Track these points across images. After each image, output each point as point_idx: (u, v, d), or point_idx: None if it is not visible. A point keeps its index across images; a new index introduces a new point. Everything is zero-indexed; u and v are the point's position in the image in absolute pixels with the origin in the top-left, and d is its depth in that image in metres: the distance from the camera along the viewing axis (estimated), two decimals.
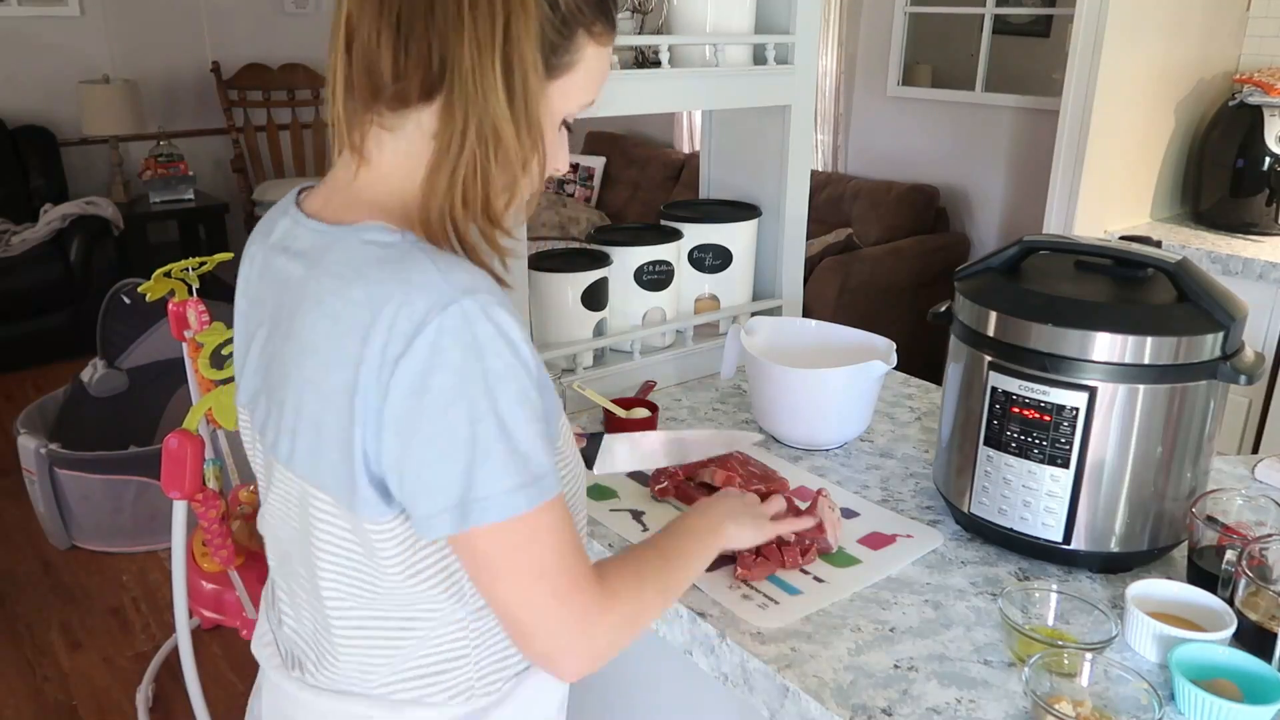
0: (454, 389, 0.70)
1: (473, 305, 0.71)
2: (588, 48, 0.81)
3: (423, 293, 0.70)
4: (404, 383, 0.70)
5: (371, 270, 0.73)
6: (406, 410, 0.71)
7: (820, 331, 1.52)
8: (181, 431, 1.64)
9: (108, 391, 3.10)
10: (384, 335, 0.70)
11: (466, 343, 0.70)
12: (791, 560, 1.08)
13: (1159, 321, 1.02)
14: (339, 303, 0.74)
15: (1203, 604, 0.96)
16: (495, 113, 0.74)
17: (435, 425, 0.70)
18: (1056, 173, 2.59)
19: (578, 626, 0.77)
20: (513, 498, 0.72)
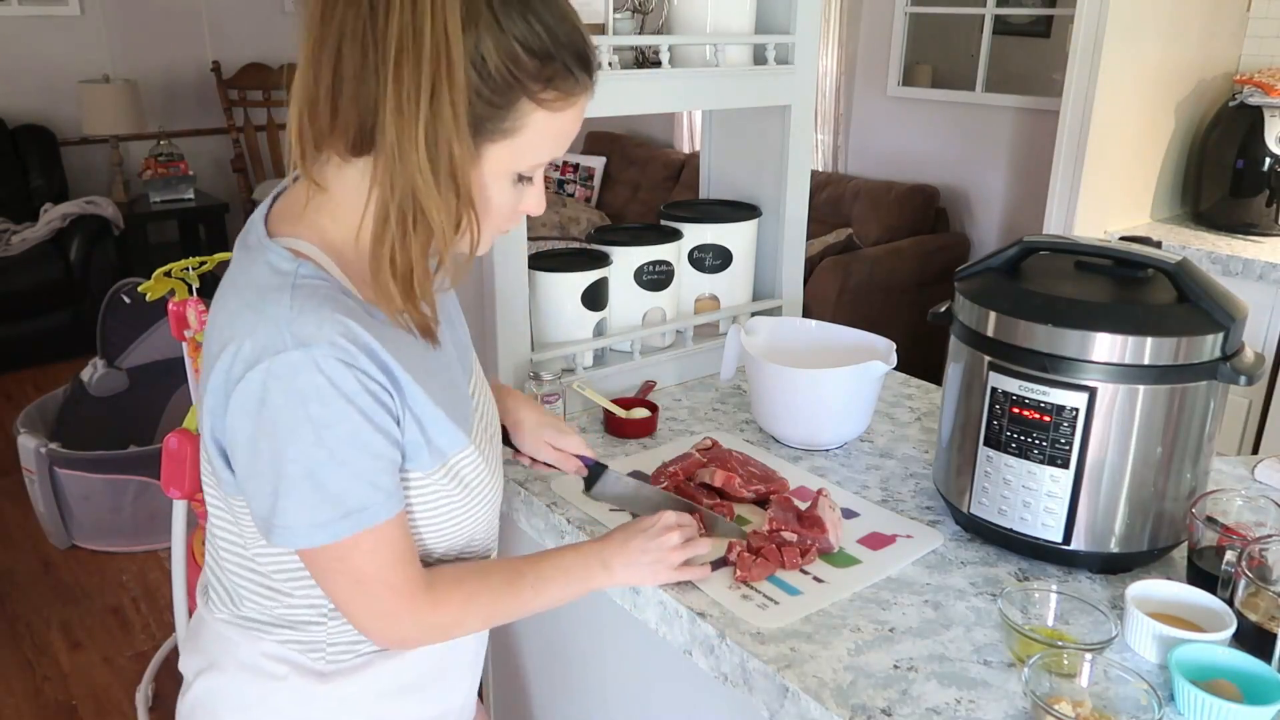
0: (273, 426, 0.79)
1: (301, 357, 0.78)
2: (534, 114, 0.82)
3: (266, 331, 0.79)
4: (238, 405, 0.80)
5: (248, 291, 0.83)
6: (238, 428, 0.81)
7: (820, 331, 1.52)
8: (181, 431, 1.64)
9: (108, 391, 3.10)
10: (231, 356, 0.80)
11: (290, 390, 0.79)
12: (791, 561, 1.08)
13: (1159, 322, 1.02)
14: (221, 309, 0.85)
15: (1202, 604, 0.96)
16: (416, 183, 0.78)
17: (255, 450, 0.81)
18: (1056, 173, 2.58)
19: (386, 621, 0.90)
20: (314, 532, 0.82)
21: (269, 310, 0.80)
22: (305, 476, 0.80)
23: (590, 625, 1.37)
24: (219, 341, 0.82)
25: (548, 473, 1.26)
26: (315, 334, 0.79)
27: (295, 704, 0.96)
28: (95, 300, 3.32)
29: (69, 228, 4.39)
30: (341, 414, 0.80)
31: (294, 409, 0.79)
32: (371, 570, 0.86)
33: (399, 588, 0.88)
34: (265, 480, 0.81)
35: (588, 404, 1.48)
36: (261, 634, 0.96)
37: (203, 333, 1.92)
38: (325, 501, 0.81)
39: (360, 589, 0.87)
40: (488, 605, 0.96)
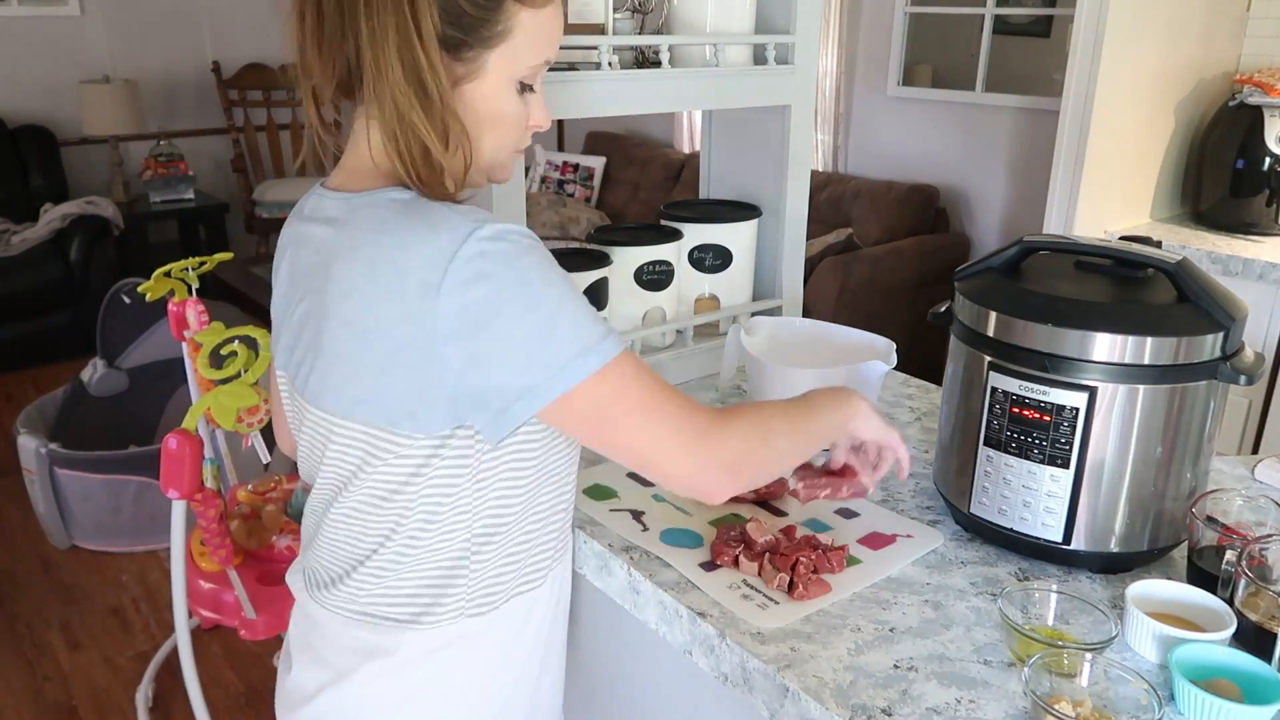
0: (501, 292, 0.80)
1: (492, 228, 0.81)
2: (519, 14, 0.87)
3: (445, 228, 0.81)
4: (453, 299, 0.79)
5: (396, 219, 0.84)
6: (461, 324, 0.80)
7: (820, 331, 1.52)
8: (180, 431, 1.64)
9: (108, 391, 3.10)
10: (419, 270, 0.80)
11: (500, 252, 0.80)
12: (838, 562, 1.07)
13: (1159, 322, 1.02)
14: (372, 249, 0.84)
15: (1203, 604, 0.96)
16: (400, 103, 0.83)
17: (496, 325, 0.80)
18: (1056, 173, 2.58)
19: (699, 443, 0.86)
20: (586, 359, 0.82)
21: (435, 218, 0.83)
22: (554, 314, 0.81)
23: (590, 625, 1.37)
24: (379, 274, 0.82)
25: None
26: (488, 215, 0.84)
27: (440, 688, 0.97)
28: (95, 300, 3.32)
29: (69, 228, 4.39)
30: (548, 261, 0.83)
31: (513, 265, 0.81)
32: (653, 394, 0.85)
33: (685, 406, 0.86)
34: (520, 340, 0.80)
35: None
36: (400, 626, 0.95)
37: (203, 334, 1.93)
38: (582, 324, 0.82)
39: (653, 416, 0.85)
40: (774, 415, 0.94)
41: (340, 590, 0.98)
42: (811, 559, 1.06)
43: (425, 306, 0.80)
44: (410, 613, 0.95)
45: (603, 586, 1.16)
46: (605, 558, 1.14)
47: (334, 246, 0.88)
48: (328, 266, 0.88)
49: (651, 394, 0.85)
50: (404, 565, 0.94)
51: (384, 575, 0.94)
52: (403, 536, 0.92)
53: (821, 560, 1.07)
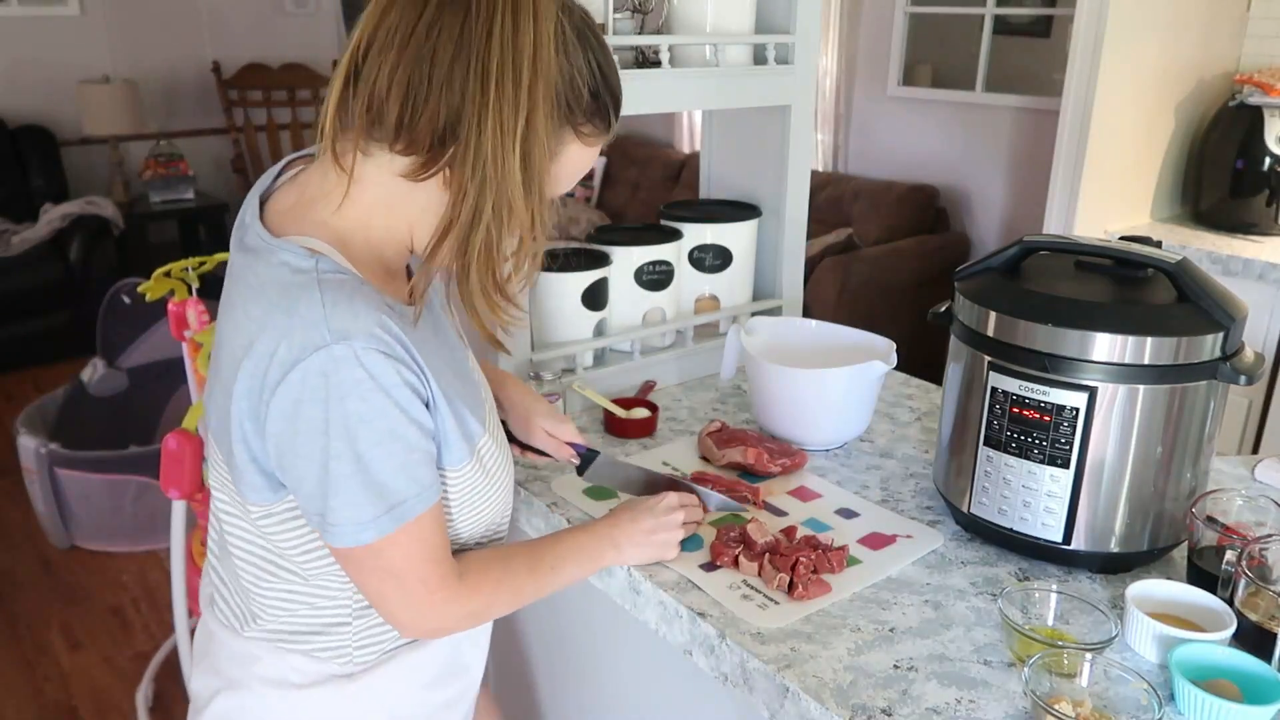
0: (318, 424, 0.79)
1: (344, 351, 0.78)
2: (572, 144, 0.88)
3: (302, 330, 0.79)
4: (279, 408, 0.80)
5: (272, 294, 0.82)
6: (281, 432, 0.81)
7: (820, 331, 1.52)
8: (181, 431, 1.64)
9: (108, 391, 3.10)
10: (266, 360, 0.79)
11: (331, 385, 0.78)
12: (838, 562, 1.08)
13: (1159, 322, 1.02)
14: (242, 314, 0.83)
15: (1203, 604, 0.96)
16: (512, 191, 0.81)
17: (302, 452, 0.81)
18: (1056, 173, 2.58)
19: (418, 613, 0.91)
20: (361, 530, 0.83)
21: (300, 309, 0.79)
22: (349, 474, 0.81)
23: (591, 626, 1.37)
24: (242, 345, 0.81)
25: (538, 462, 1.28)
26: (352, 326, 0.79)
27: (324, 709, 0.97)
28: (95, 300, 3.31)
29: (69, 228, 4.39)
30: (380, 408, 0.80)
31: (334, 405, 0.79)
32: (408, 565, 0.87)
33: (432, 582, 0.89)
34: (313, 480, 0.82)
35: (588, 404, 1.48)
36: (286, 646, 0.96)
37: (203, 334, 1.93)
38: (369, 498, 0.82)
39: (396, 584, 0.88)
40: (512, 588, 0.98)
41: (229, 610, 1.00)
42: (811, 559, 1.06)
43: (264, 396, 0.80)
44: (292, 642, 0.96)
45: (603, 587, 1.16)
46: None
47: (230, 287, 0.88)
48: (225, 306, 0.88)
49: (409, 566, 0.87)
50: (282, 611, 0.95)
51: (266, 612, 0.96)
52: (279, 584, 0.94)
53: (821, 560, 1.07)
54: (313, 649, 0.96)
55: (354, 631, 0.96)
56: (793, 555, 1.06)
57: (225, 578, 0.99)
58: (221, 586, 1.00)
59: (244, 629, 0.98)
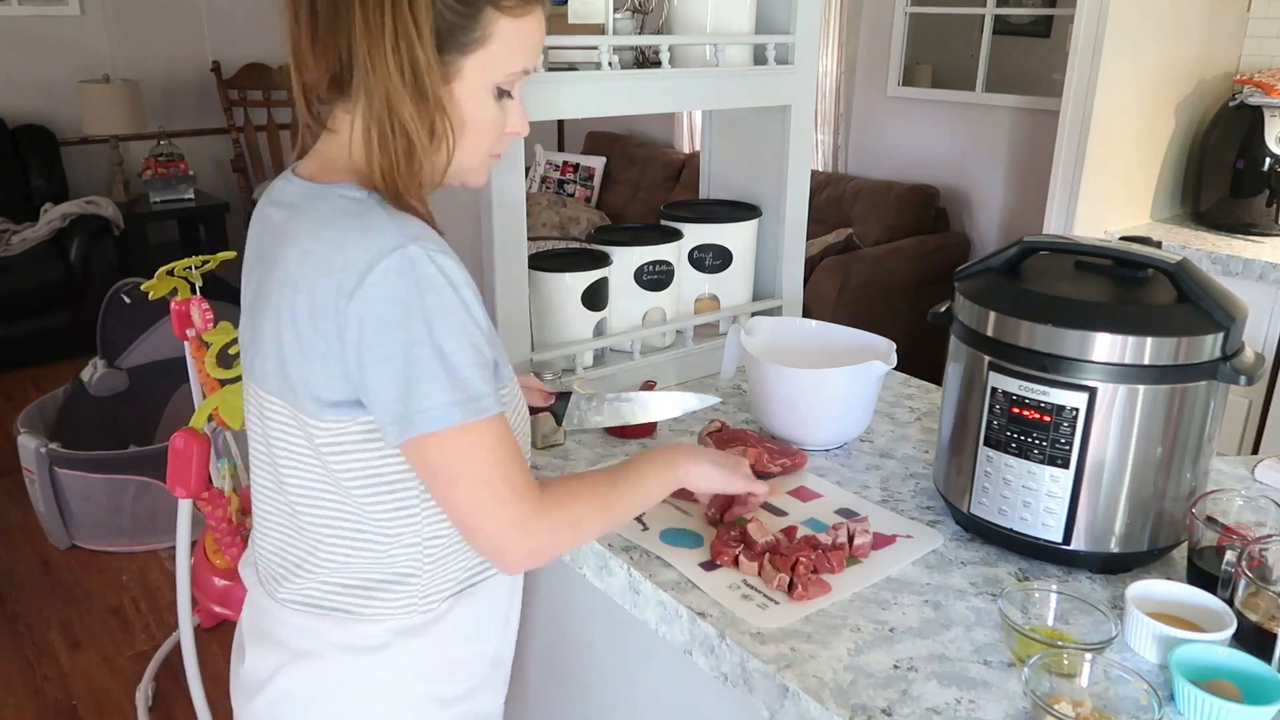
0: (398, 319, 0.82)
1: (418, 250, 0.83)
2: (499, 21, 0.89)
3: (377, 237, 0.83)
4: (358, 310, 0.83)
5: (339, 217, 0.87)
6: (360, 336, 0.83)
7: (820, 331, 1.52)
8: (188, 430, 1.64)
9: (108, 391, 3.10)
10: (341, 271, 0.83)
11: (412, 280, 0.83)
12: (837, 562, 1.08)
13: (1159, 322, 1.02)
14: (311, 241, 0.87)
15: (1203, 604, 0.96)
16: (390, 94, 0.85)
17: (383, 349, 0.83)
18: (1056, 173, 2.58)
19: (517, 528, 0.90)
20: (448, 411, 0.84)
21: (371, 222, 0.85)
22: (431, 360, 0.83)
23: (590, 625, 1.37)
24: (315, 266, 0.85)
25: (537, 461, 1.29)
26: (421, 233, 0.85)
27: (394, 672, 0.99)
28: (95, 300, 3.31)
29: (69, 228, 4.39)
30: (453, 304, 0.84)
31: (413, 300, 0.82)
32: (495, 468, 0.88)
33: (520, 488, 0.89)
34: (395, 371, 0.83)
35: None
36: (351, 617, 0.97)
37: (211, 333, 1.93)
38: (453, 384, 0.84)
39: (488, 491, 0.88)
40: (599, 501, 0.97)
41: (288, 585, 1.00)
42: (811, 559, 1.06)
43: (340, 306, 0.83)
44: (357, 604, 0.97)
45: (603, 586, 1.16)
46: (605, 558, 1.14)
47: (282, 232, 0.91)
48: (274, 251, 0.91)
49: (495, 468, 0.88)
50: (350, 563, 0.96)
51: (329, 568, 0.97)
52: (346, 532, 0.95)
53: (821, 560, 1.07)
54: (381, 610, 0.97)
55: (422, 582, 0.97)
56: (793, 555, 1.06)
57: (284, 545, 0.99)
58: (280, 555, 1.00)
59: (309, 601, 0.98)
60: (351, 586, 0.97)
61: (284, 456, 0.95)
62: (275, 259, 0.90)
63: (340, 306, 0.83)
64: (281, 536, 1.00)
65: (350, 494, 0.93)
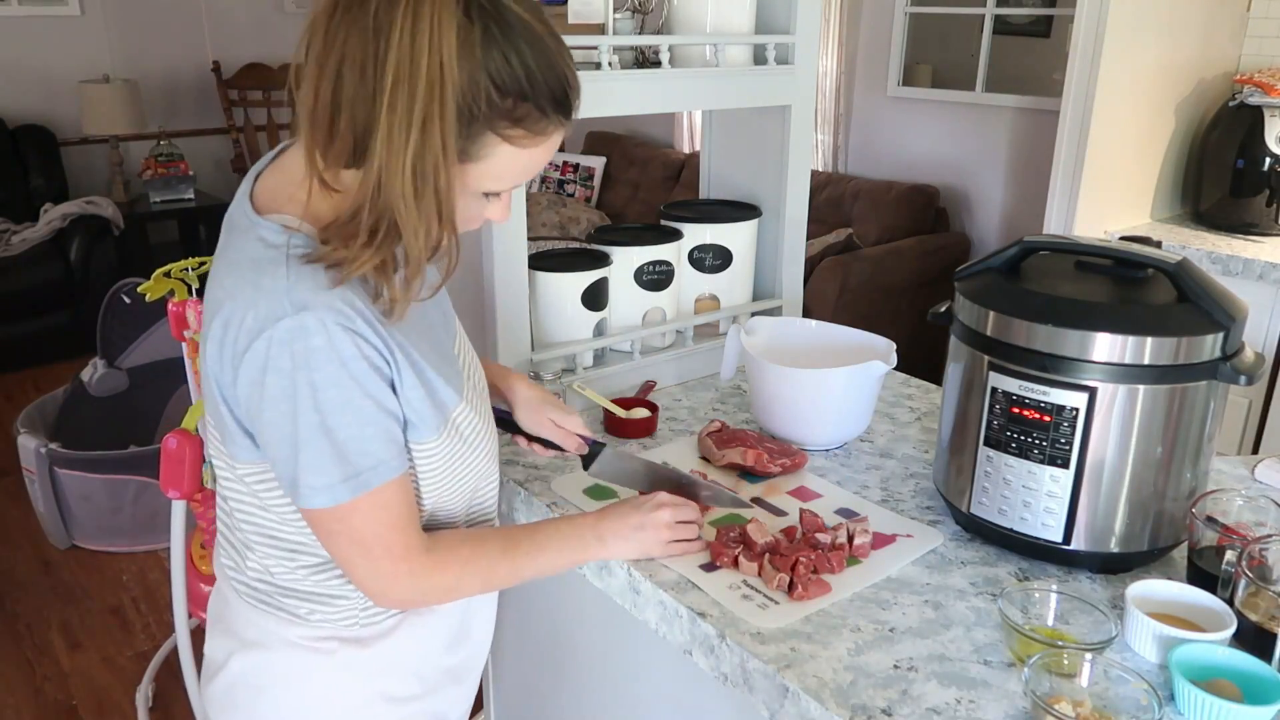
0: (283, 391, 0.83)
1: (305, 320, 0.82)
2: (499, 146, 0.85)
3: (266, 302, 0.83)
4: (247, 375, 0.84)
5: (243, 266, 0.86)
6: (249, 397, 0.85)
7: (820, 331, 1.52)
8: (180, 431, 1.64)
9: (108, 391, 3.10)
10: (236, 328, 0.84)
11: (294, 353, 0.82)
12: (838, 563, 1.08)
13: (1159, 322, 1.02)
14: (217, 285, 0.88)
15: (1203, 604, 0.96)
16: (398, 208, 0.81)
17: (270, 415, 0.85)
18: (1056, 173, 2.58)
19: (385, 583, 0.93)
20: (332, 492, 0.86)
21: (265, 282, 0.84)
22: (314, 438, 0.85)
23: (590, 625, 1.37)
24: (216, 314, 0.86)
25: (538, 461, 1.30)
26: (312, 299, 0.83)
27: (342, 671, 1.01)
28: (95, 300, 3.31)
29: (69, 228, 4.39)
30: (337, 379, 0.84)
31: (299, 373, 0.83)
32: (372, 534, 0.90)
33: (396, 551, 0.92)
34: (283, 444, 0.86)
35: (588, 404, 1.48)
36: (296, 620, 0.99)
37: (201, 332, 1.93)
38: (333, 462, 0.86)
39: (362, 551, 0.91)
40: (485, 570, 1.00)
41: (241, 574, 1.02)
42: (811, 559, 1.06)
43: (232, 363, 0.85)
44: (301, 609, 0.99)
45: (603, 586, 1.16)
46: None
47: (217, 260, 0.92)
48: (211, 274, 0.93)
49: (373, 534, 0.90)
50: (287, 570, 0.98)
51: (264, 568, 0.99)
52: (281, 547, 0.97)
53: (821, 560, 1.07)
54: (322, 619, 0.99)
55: (361, 599, 0.99)
56: (793, 555, 1.06)
57: (233, 536, 1.02)
58: (233, 554, 1.02)
59: (256, 595, 1.01)
60: (292, 590, 0.99)
61: (221, 468, 0.97)
62: (208, 287, 0.92)
63: (234, 363, 0.85)
64: (225, 521, 1.03)
65: (278, 514, 0.95)
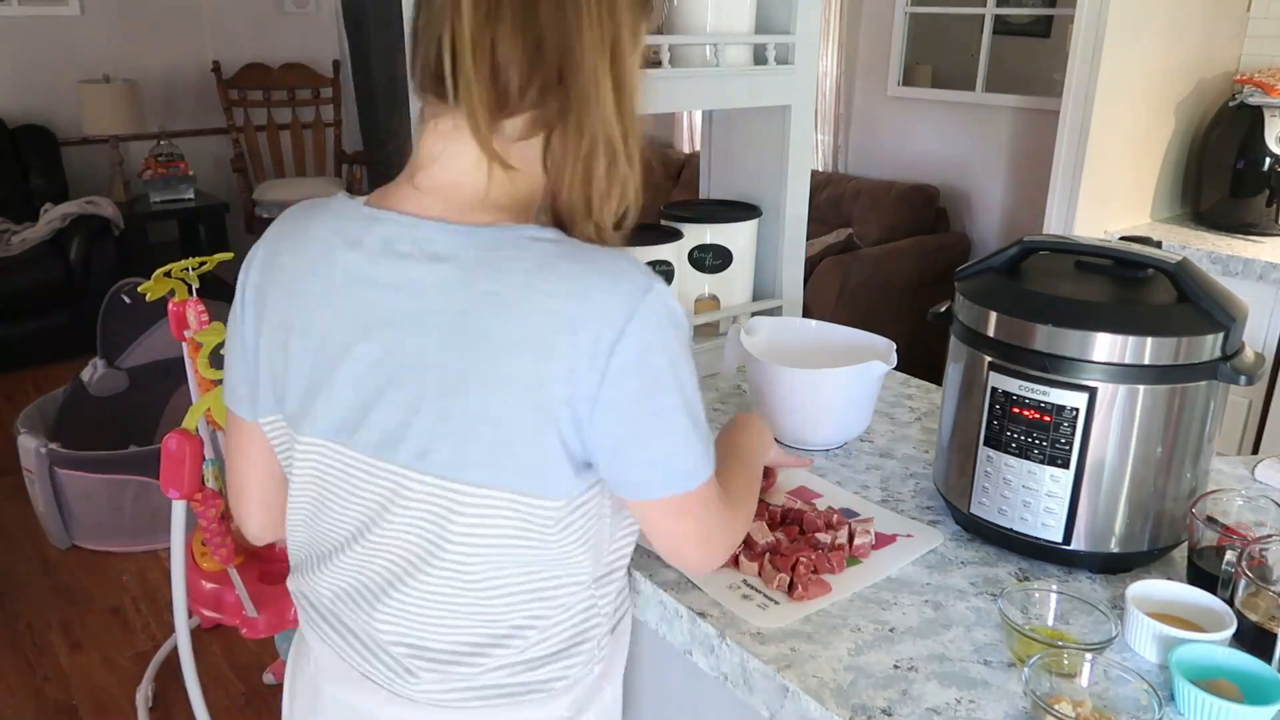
0: (666, 367, 0.77)
1: (662, 288, 0.77)
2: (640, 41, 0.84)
3: (623, 281, 0.76)
4: (621, 365, 0.75)
5: (562, 264, 0.76)
6: (625, 391, 0.76)
7: (820, 331, 1.52)
8: (180, 431, 1.64)
9: (108, 391, 3.10)
10: (596, 324, 0.74)
11: (667, 322, 0.77)
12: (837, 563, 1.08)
13: (1159, 322, 1.02)
14: (541, 299, 0.75)
15: (1203, 604, 0.96)
16: (609, 122, 0.78)
17: (657, 402, 0.78)
18: (1056, 173, 2.58)
19: (731, 539, 0.92)
20: (705, 464, 0.83)
21: (607, 265, 0.77)
22: (690, 407, 0.80)
23: None
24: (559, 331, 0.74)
25: None
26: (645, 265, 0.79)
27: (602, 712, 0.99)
28: (95, 300, 3.31)
29: (69, 228, 4.39)
30: (687, 341, 0.81)
31: (671, 344, 0.77)
32: (716, 494, 0.87)
33: (725, 503, 0.90)
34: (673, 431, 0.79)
35: None
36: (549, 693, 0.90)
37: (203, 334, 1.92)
38: (701, 431, 0.82)
39: (715, 516, 0.88)
40: (742, 491, 0.99)
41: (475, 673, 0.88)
42: (811, 559, 1.06)
43: (595, 364, 0.74)
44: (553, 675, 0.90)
45: None
46: None
47: (461, 292, 0.77)
48: (461, 314, 0.76)
49: (716, 493, 0.87)
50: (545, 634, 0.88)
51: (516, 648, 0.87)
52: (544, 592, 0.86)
53: (821, 560, 1.07)
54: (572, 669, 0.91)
55: (601, 614, 0.93)
56: (793, 555, 1.06)
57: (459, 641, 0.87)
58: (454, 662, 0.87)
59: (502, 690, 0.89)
60: (541, 658, 0.89)
61: (472, 548, 0.82)
62: (467, 327, 0.76)
63: (597, 363, 0.74)
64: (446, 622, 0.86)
65: (563, 554, 0.84)
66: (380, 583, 0.87)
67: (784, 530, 1.14)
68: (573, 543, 0.84)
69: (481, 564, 0.83)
